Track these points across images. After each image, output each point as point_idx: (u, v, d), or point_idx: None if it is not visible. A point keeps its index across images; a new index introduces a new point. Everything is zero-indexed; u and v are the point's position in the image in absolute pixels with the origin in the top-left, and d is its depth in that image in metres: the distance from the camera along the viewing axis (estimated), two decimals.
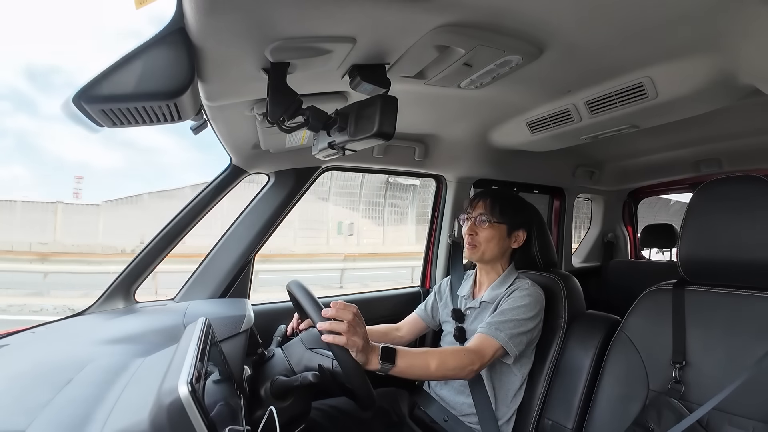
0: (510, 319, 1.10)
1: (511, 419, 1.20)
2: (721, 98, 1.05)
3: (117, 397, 0.69)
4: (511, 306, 1.14)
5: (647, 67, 0.96)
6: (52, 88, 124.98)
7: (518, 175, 2.01)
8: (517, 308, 1.13)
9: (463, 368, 1.03)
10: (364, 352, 0.90)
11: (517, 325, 1.10)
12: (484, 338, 1.08)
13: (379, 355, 0.92)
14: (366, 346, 0.91)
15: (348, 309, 0.90)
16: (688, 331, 1.01)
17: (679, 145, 1.82)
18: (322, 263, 10.77)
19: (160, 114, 0.73)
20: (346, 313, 0.89)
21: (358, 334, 0.89)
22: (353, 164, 1.65)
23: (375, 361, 0.92)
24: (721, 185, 1.02)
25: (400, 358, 0.95)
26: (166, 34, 0.65)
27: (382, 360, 0.92)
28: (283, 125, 0.80)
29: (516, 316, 1.11)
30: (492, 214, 1.24)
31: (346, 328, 0.87)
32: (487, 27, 0.74)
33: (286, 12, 0.63)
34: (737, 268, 0.97)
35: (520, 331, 1.10)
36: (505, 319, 1.11)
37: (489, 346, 1.07)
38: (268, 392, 1.01)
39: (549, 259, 1.42)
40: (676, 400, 0.96)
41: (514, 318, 1.11)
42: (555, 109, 1.22)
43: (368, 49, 0.77)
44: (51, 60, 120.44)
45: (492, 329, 1.09)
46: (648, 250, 2.81)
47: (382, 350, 0.93)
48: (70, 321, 1.15)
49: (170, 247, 1.29)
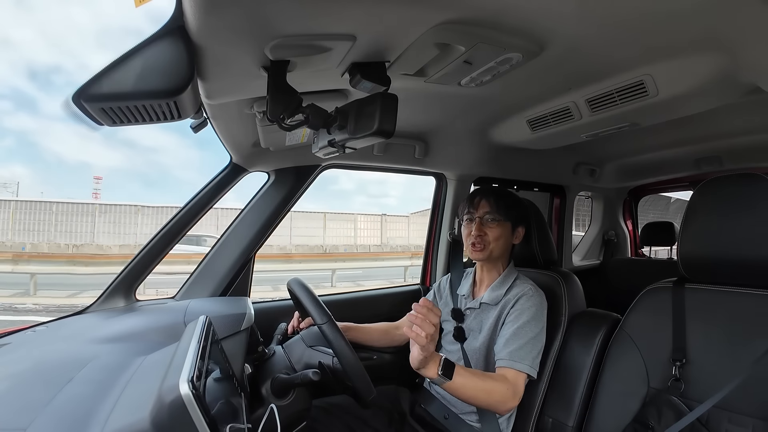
0: (525, 343, 1.10)
1: (511, 417, 1.20)
2: (721, 96, 1.05)
3: (118, 396, 0.69)
4: (521, 323, 1.12)
5: (648, 65, 0.96)
6: (53, 87, 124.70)
7: (519, 173, 2.00)
8: (528, 324, 1.12)
9: (506, 402, 1.03)
10: (429, 358, 0.90)
11: (534, 345, 1.10)
12: (511, 373, 1.06)
13: (439, 366, 0.92)
14: (433, 354, 0.91)
15: (436, 313, 0.89)
16: (688, 329, 1.01)
17: (680, 143, 1.82)
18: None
19: (159, 112, 0.73)
20: (435, 317, 0.88)
21: (434, 340, 0.89)
22: (353, 162, 1.65)
23: (434, 370, 0.92)
24: (722, 183, 1.01)
25: (457, 374, 0.94)
26: (166, 32, 0.65)
27: (442, 372, 0.92)
28: (283, 123, 0.80)
29: (529, 335, 1.11)
30: (498, 212, 1.22)
31: (432, 331, 0.87)
32: (488, 24, 0.74)
33: (286, 10, 0.63)
34: (737, 266, 0.97)
35: (537, 351, 1.11)
36: (522, 343, 1.09)
37: (520, 379, 1.06)
38: (269, 390, 1.01)
39: (549, 256, 1.42)
40: (676, 398, 0.96)
41: (528, 339, 1.10)
42: (555, 107, 1.22)
43: (368, 46, 0.77)
44: (52, 59, 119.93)
45: (515, 362, 1.07)
46: (649, 248, 2.81)
47: (444, 362, 0.93)
48: (71, 320, 1.16)
49: (170, 246, 1.29)
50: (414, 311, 0.88)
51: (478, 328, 1.23)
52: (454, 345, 1.27)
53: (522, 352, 1.08)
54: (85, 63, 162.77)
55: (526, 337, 1.10)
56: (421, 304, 0.88)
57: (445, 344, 1.34)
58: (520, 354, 1.08)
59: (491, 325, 1.19)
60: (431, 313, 0.87)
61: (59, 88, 61.84)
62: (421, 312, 0.87)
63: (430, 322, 0.86)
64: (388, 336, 1.41)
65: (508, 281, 1.24)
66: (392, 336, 1.41)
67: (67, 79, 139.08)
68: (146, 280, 1.30)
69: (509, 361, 1.07)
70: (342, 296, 1.77)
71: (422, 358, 0.89)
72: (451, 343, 1.29)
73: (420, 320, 0.86)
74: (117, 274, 1.26)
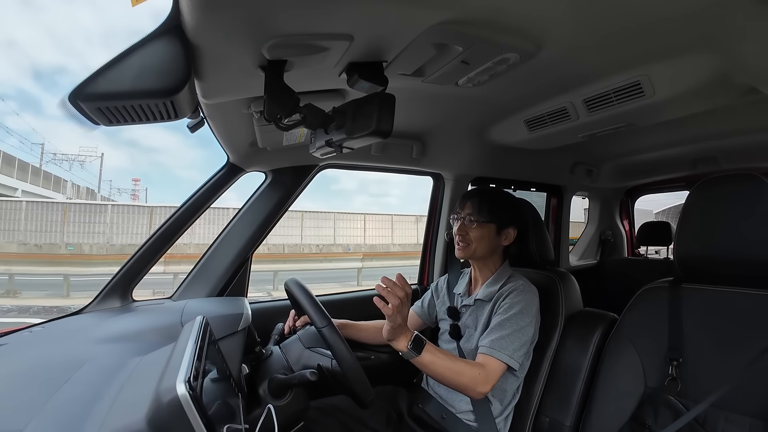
0: (509, 333, 1.11)
1: (508, 416, 1.20)
2: (718, 96, 1.06)
3: (115, 396, 0.69)
4: (508, 315, 1.14)
5: (644, 66, 0.96)
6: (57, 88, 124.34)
7: (516, 173, 2.01)
8: (515, 316, 1.13)
9: (475, 385, 1.05)
10: (398, 330, 0.98)
11: (517, 337, 1.11)
12: (488, 360, 1.09)
13: (410, 340, 1.00)
14: (402, 326, 0.99)
15: (405, 287, 0.96)
16: (685, 329, 1.02)
17: (676, 143, 1.83)
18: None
19: (156, 112, 0.73)
20: (401, 290, 0.95)
21: (401, 313, 0.96)
22: (351, 162, 1.65)
23: (404, 343, 1.00)
24: (718, 183, 1.02)
25: (426, 351, 1.01)
26: (162, 31, 0.64)
27: (412, 346, 1.00)
28: (281, 123, 0.80)
29: (514, 327, 1.12)
30: (480, 214, 1.24)
31: (398, 303, 0.94)
32: (485, 25, 0.74)
33: (283, 9, 0.63)
34: (733, 266, 0.97)
35: (520, 343, 1.11)
36: (504, 333, 1.11)
37: (496, 366, 1.09)
38: (267, 391, 1.01)
39: (546, 256, 1.43)
40: (672, 397, 0.97)
41: (512, 331, 1.11)
42: (553, 107, 1.22)
43: (366, 46, 0.77)
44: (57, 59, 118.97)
45: (494, 350, 1.09)
46: (646, 248, 2.82)
47: (414, 337, 1.01)
48: (68, 320, 1.15)
49: (167, 246, 1.29)
50: (381, 283, 0.95)
51: (474, 325, 1.24)
52: (451, 343, 1.28)
53: (503, 342, 1.10)
54: (89, 65, 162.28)
55: (510, 329, 1.12)
56: (389, 283, 0.95)
57: (441, 343, 1.34)
58: (501, 343, 1.10)
59: (485, 321, 1.20)
60: (396, 286, 0.95)
61: (63, 89, 62.63)
62: (387, 284, 0.95)
63: (394, 294, 0.94)
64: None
65: (502, 278, 1.25)
66: None
67: (73, 79, 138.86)
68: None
69: (489, 349, 1.10)
70: (338, 296, 1.77)
71: (390, 329, 0.98)
72: (448, 342, 1.30)
73: (386, 292, 0.95)
74: (114, 274, 1.25)
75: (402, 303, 0.95)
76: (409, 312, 1.45)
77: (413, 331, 1.02)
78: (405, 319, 0.98)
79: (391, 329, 0.98)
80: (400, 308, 0.95)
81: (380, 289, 0.95)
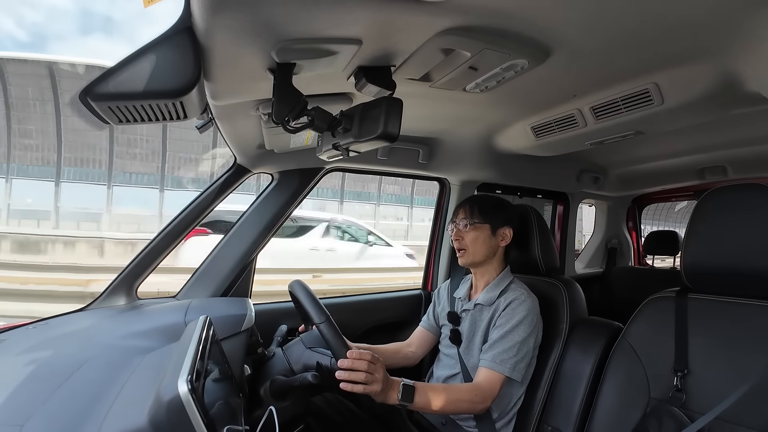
0: (510, 346, 1.12)
1: (510, 424, 1.19)
2: (727, 105, 1.05)
3: (116, 395, 0.69)
4: (508, 327, 1.14)
5: (653, 74, 0.95)
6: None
7: (522, 180, 2.00)
8: (515, 328, 1.13)
9: (475, 406, 1.09)
10: (383, 393, 0.95)
11: (519, 349, 1.12)
12: (489, 374, 1.11)
13: (399, 392, 0.97)
14: (385, 389, 0.95)
15: (363, 358, 0.93)
16: (691, 340, 1.00)
17: (685, 152, 1.81)
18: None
19: (165, 112, 0.74)
20: (361, 364, 0.92)
21: (376, 381, 0.93)
22: (357, 165, 1.65)
23: (394, 397, 0.97)
24: (726, 193, 1.01)
25: (418, 395, 0.99)
26: (174, 33, 0.65)
27: (402, 397, 0.97)
28: (288, 125, 0.80)
29: (515, 339, 1.12)
30: (472, 216, 1.25)
31: (363, 378, 0.91)
32: (494, 31, 0.74)
33: (293, 13, 0.63)
34: (741, 277, 0.96)
35: (522, 355, 1.12)
36: (506, 347, 1.12)
37: (496, 380, 1.10)
38: (268, 392, 1.01)
39: (551, 264, 1.42)
40: (677, 409, 0.95)
41: (513, 343, 1.12)
42: (560, 114, 1.22)
43: (374, 51, 0.77)
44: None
45: (496, 363, 1.11)
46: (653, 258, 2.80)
47: (402, 388, 0.98)
48: (71, 317, 1.16)
49: (173, 245, 1.30)
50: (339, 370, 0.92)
51: (473, 329, 1.24)
52: (451, 348, 1.27)
53: (504, 356, 1.11)
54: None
55: (511, 341, 1.12)
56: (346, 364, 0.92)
57: (442, 348, 1.33)
58: (503, 357, 1.11)
59: (485, 327, 1.20)
60: (356, 361, 0.92)
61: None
62: (346, 366, 0.92)
63: (359, 371, 0.91)
64: (399, 355, 1.40)
65: (502, 284, 1.25)
66: (404, 354, 1.40)
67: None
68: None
69: (490, 363, 1.11)
70: (344, 300, 1.77)
71: (374, 395, 0.94)
72: (449, 347, 1.29)
73: (348, 374, 0.91)
74: (119, 271, 1.26)
75: (371, 371, 0.92)
76: (420, 329, 1.44)
77: (400, 380, 0.99)
78: (385, 378, 0.95)
79: (377, 396, 0.94)
80: (372, 378, 0.92)
81: (342, 375, 0.91)
